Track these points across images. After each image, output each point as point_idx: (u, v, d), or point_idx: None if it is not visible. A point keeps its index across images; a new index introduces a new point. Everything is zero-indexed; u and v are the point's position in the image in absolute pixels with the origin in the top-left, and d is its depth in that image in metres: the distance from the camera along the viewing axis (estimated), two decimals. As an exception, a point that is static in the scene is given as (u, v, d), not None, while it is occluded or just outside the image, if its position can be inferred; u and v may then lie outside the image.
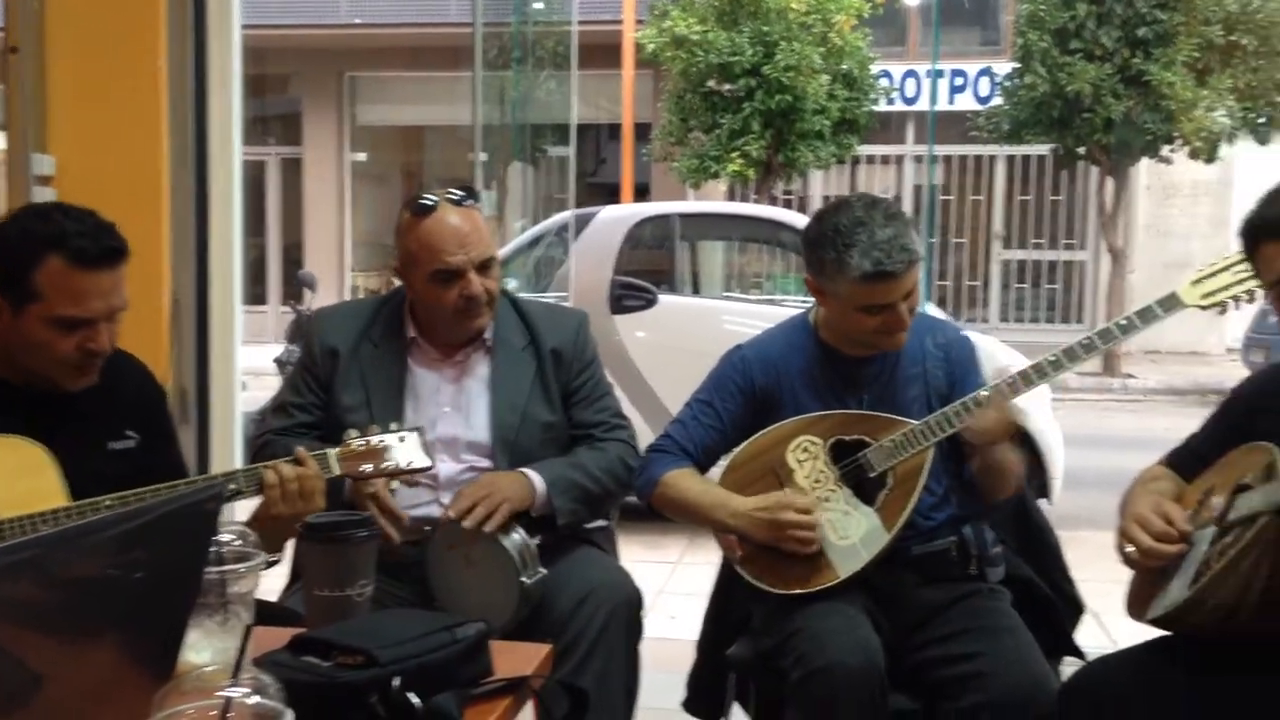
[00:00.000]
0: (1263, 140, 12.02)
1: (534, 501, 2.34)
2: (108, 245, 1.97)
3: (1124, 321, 2.27)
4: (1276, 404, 1.96)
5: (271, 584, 2.38)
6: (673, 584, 5.24)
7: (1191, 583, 1.85)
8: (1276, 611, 1.78)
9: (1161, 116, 11.44)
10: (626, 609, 2.29)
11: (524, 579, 2.23)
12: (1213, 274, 2.23)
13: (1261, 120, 11.88)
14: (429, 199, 2.40)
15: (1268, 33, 11.54)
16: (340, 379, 2.46)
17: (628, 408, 2.66)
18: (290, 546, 2.17)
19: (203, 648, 1.40)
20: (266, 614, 1.81)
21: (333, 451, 2.11)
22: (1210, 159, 11.98)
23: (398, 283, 2.51)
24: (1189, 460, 2.08)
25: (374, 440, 2.12)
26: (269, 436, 2.44)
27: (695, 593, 2.64)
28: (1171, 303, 2.24)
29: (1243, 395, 2.06)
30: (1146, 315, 2.25)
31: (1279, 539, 1.76)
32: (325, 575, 1.75)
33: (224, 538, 1.47)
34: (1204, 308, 2.23)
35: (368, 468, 2.11)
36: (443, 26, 12.40)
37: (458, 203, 2.40)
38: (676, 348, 5.86)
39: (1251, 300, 2.11)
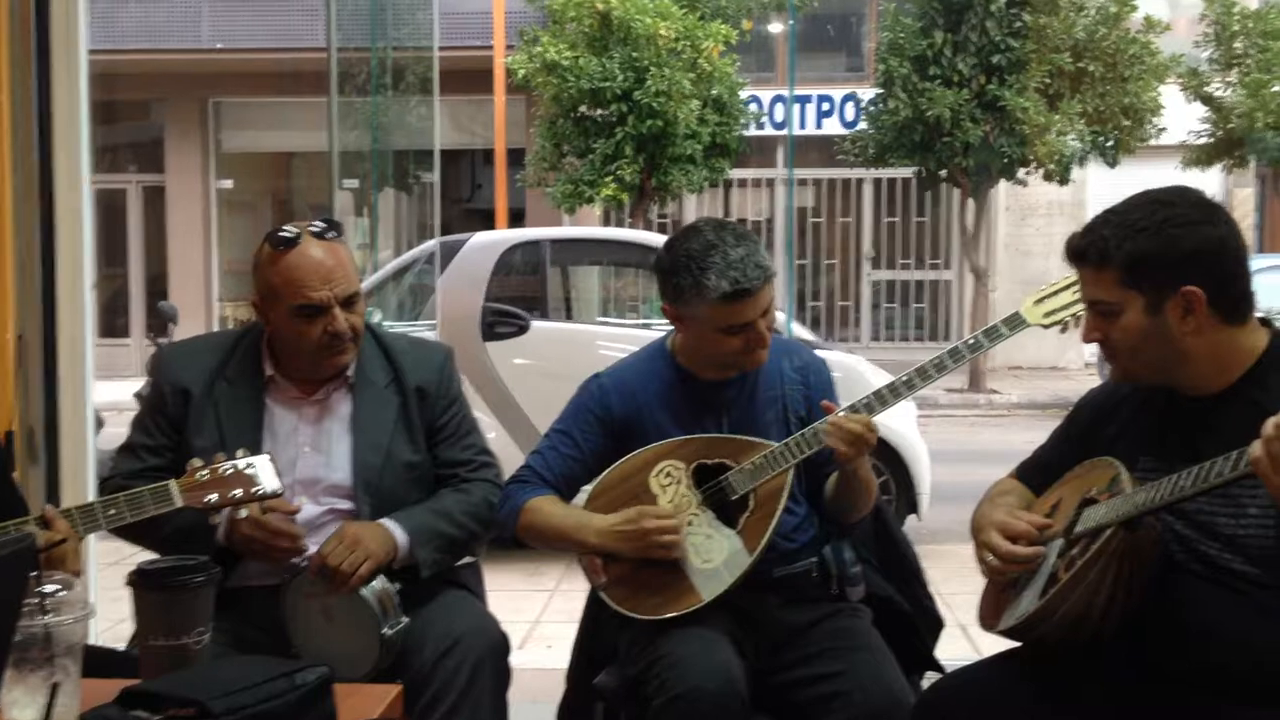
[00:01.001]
0: (1112, 162, 12.54)
1: (396, 555, 2.28)
2: None
3: (972, 341, 2.36)
4: (1117, 415, 2.03)
5: (122, 630, 2.29)
6: (550, 612, 5.21)
7: (1041, 594, 1.90)
8: (1120, 621, 1.84)
9: (1016, 140, 11.85)
10: (493, 657, 2.24)
11: (385, 630, 2.17)
12: (1053, 293, 2.32)
13: (1110, 143, 12.40)
14: (289, 231, 2.33)
15: (1114, 59, 12.08)
16: (193, 420, 2.36)
17: (503, 436, 2.62)
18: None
19: (26, 704, 1.33)
20: (106, 663, 1.74)
21: (175, 482, 2.03)
22: (1063, 180, 12.46)
23: None
24: (1036, 472, 2.14)
25: (219, 469, 2.04)
26: (118, 480, 2.32)
27: (573, 620, 2.62)
28: (1015, 321, 2.32)
29: (1085, 408, 2.13)
30: (993, 334, 2.34)
31: (1123, 550, 1.82)
32: (160, 624, 1.68)
33: (47, 589, 1.40)
34: (1045, 326, 2.31)
35: (213, 497, 2.02)
36: (308, 51, 12.15)
37: (320, 235, 2.33)
38: (551, 374, 5.83)
39: None
